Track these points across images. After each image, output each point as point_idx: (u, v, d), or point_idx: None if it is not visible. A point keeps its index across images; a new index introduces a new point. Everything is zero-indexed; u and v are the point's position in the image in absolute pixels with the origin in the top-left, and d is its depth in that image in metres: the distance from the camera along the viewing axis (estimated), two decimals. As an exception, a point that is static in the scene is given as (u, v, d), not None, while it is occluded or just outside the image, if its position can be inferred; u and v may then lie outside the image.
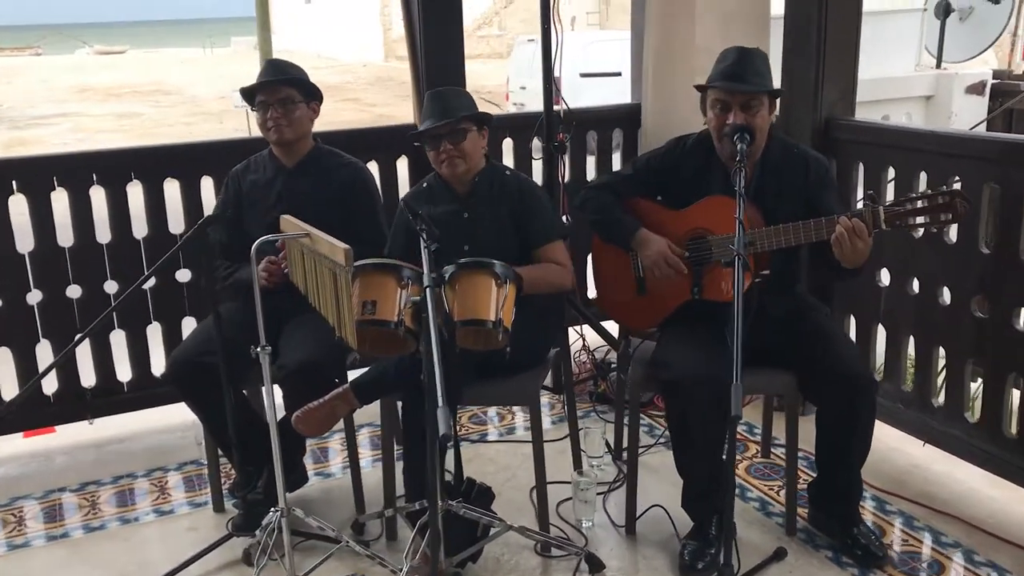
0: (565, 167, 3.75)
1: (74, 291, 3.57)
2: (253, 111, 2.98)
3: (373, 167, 3.49)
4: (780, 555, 2.77)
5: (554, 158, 3.64)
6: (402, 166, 3.90)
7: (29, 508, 3.25)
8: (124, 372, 3.71)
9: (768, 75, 2.71)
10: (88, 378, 3.66)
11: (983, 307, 2.99)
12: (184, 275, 3.67)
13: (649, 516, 2.98)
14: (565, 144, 3.64)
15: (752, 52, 2.71)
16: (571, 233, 3.06)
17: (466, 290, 2.45)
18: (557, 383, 3.89)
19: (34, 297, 3.53)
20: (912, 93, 5.51)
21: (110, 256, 3.57)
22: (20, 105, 21.77)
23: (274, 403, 2.63)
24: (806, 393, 2.80)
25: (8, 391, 3.56)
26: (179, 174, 3.61)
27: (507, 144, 3.95)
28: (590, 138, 4.16)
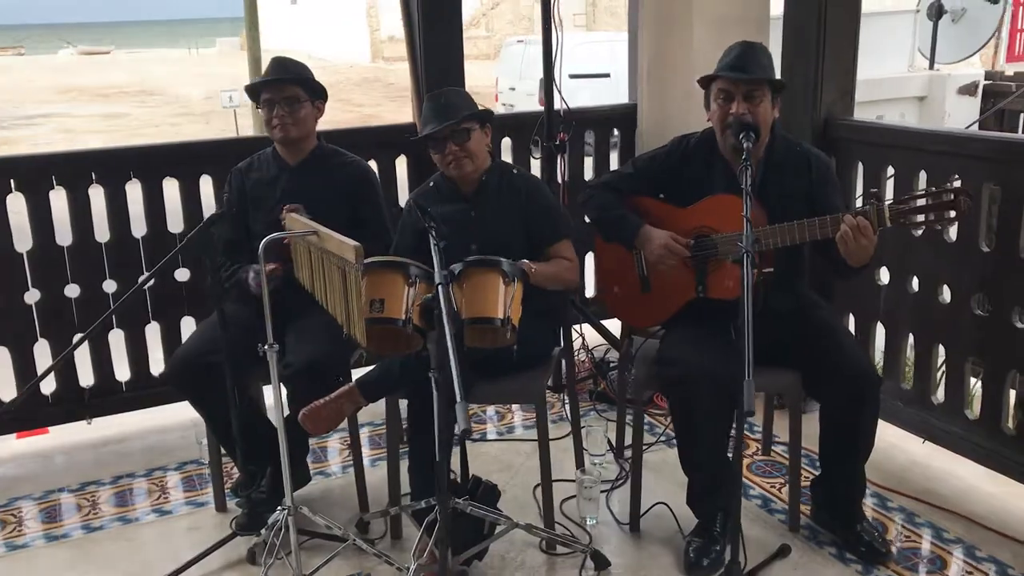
0: (565, 166, 3.76)
1: (72, 290, 3.55)
2: (258, 108, 2.98)
3: (372, 166, 3.49)
4: (784, 552, 2.78)
5: (554, 157, 3.65)
6: (401, 165, 3.91)
7: (29, 509, 3.23)
8: (122, 372, 3.70)
9: (771, 69, 2.73)
10: (86, 378, 3.65)
11: (983, 305, 3.01)
12: (183, 274, 3.66)
13: (652, 513, 2.99)
14: (565, 143, 3.65)
15: (755, 46, 2.73)
16: (578, 233, 3.06)
17: (474, 288, 2.46)
18: (556, 382, 3.89)
19: (32, 296, 3.51)
20: (906, 94, 5.56)
21: (109, 255, 3.56)
22: (4, 105, 21.64)
23: (282, 402, 2.63)
24: (810, 390, 2.82)
25: (5, 391, 3.54)
26: (178, 173, 3.60)
27: (506, 143, 3.96)
28: (588, 137, 4.18)
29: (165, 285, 3.61)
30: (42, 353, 3.54)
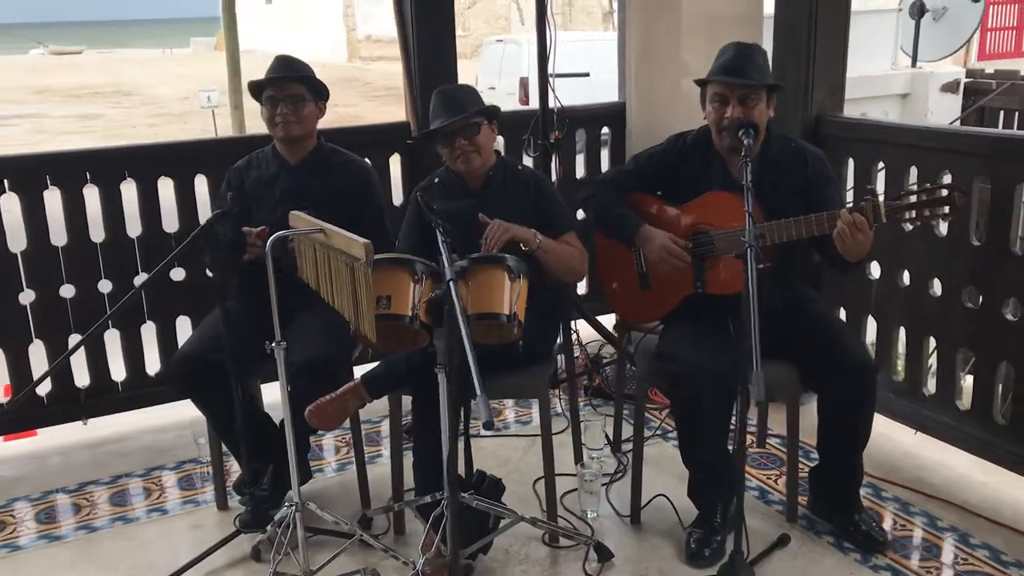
0: (559, 164, 3.80)
1: (68, 291, 3.54)
2: (262, 105, 2.99)
3: (368, 165, 3.50)
4: (784, 541, 2.83)
5: (549, 155, 3.68)
6: (395, 164, 3.92)
7: (28, 509, 3.22)
8: (118, 372, 3.69)
9: (767, 70, 2.77)
10: (82, 378, 3.64)
11: (974, 298, 3.07)
12: (178, 274, 3.65)
13: (652, 506, 3.03)
14: (560, 142, 3.68)
15: (751, 47, 2.77)
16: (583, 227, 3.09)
17: (480, 285, 2.48)
18: (552, 378, 3.91)
19: (27, 297, 3.50)
20: (889, 91, 5.65)
21: (104, 255, 3.56)
22: (-24, 106, 21.37)
23: (288, 398, 2.65)
24: (809, 383, 2.86)
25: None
26: (173, 173, 3.60)
27: (498, 141, 3.98)
28: (578, 136, 4.21)
29: (160, 285, 3.60)
30: (37, 354, 3.53)
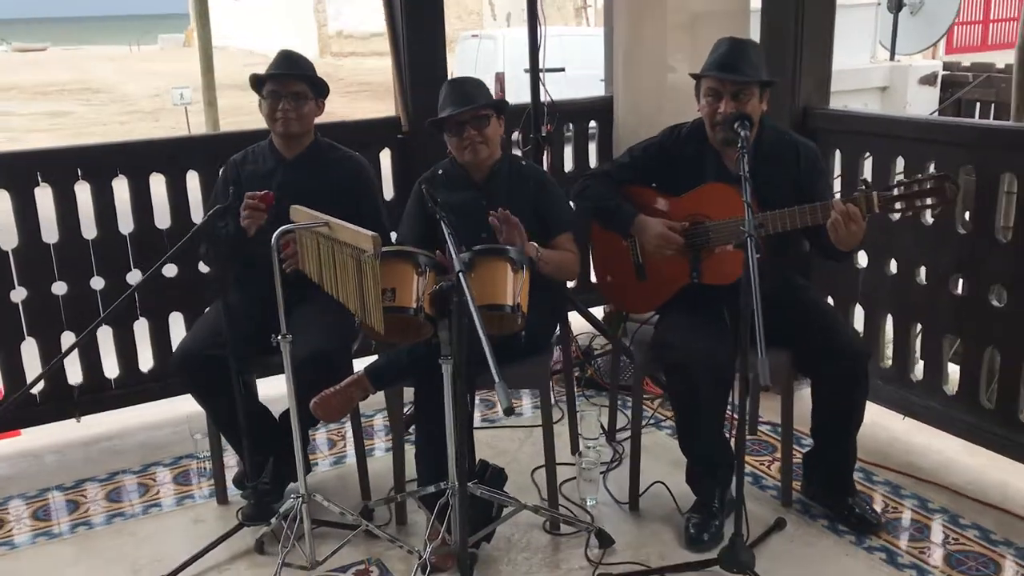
0: (550, 157, 3.84)
1: (59, 288, 3.53)
2: (262, 98, 3.00)
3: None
4: (780, 525, 2.89)
5: (541, 149, 3.72)
6: (385, 159, 3.94)
7: (26, 507, 3.22)
8: (111, 369, 3.68)
9: (760, 66, 2.82)
10: (75, 376, 3.63)
11: (961, 285, 3.15)
12: (170, 270, 3.65)
13: (650, 493, 3.08)
14: (551, 135, 3.73)
15: (745, 43, 2.82)
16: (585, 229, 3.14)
17: (483, 276, 2.51)
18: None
19: (19, 295, 3.48)
20: (868, 84, 5.75)
21: (96, 252, 3.55)
22: (-61, 104, 21.06)
23: (291, 391, 2.67)
24: (802, 368, 2.92)
25: (-6, 390, 3.51)
26: (165, 169, 3.60)
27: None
28: (566, 129, 4.25)
29: (153, 281, 3.59)
30: (29, 352, 3.52)
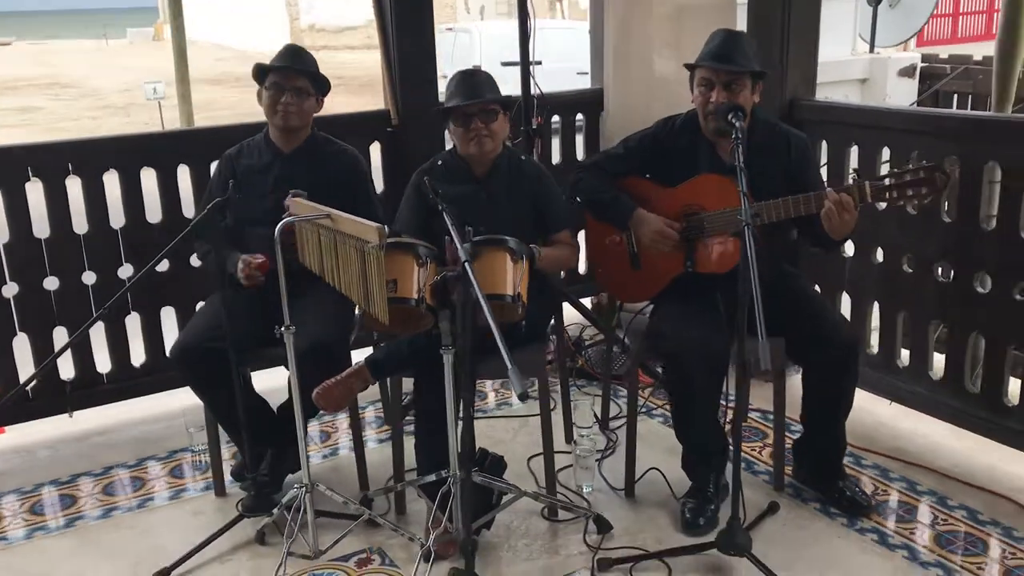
0: (540, 149, 3.87)
1: (51, 283, 3.52)
2: (264, 89, 3.01)
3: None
4: (774, 508, 2.95)
5: (532, 140, 3.75)
6: (375, 152, 3.95)
7: (22, 502, 3.21)
8: (103, 363, 3.68)
9: (753, 57, 2.86)
10: (67, 371, 3.62)
11: (946, 272, 3.21)
12: (162, 265, 3.64)
13: (645, 479, 3.12)
14: (541, 127, 3.76)
15: (739, 35, 2.87)
16: (579, 220, 3.17)
17: (484, 266, 2.53)
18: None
19: (10, 290, 3.48)
20: (849, 76, 5.83)
21: (87, 247, 3.54)
22: (-97, 100, 20.71)
23: (291, 383, 2.69)
24: (793, 356, 2.97)
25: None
26: (157, 163, 3.60)
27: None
28: (554, 121, 4.29)
29: (145, 276, 3.58)
30: (21, 347, 3.51)
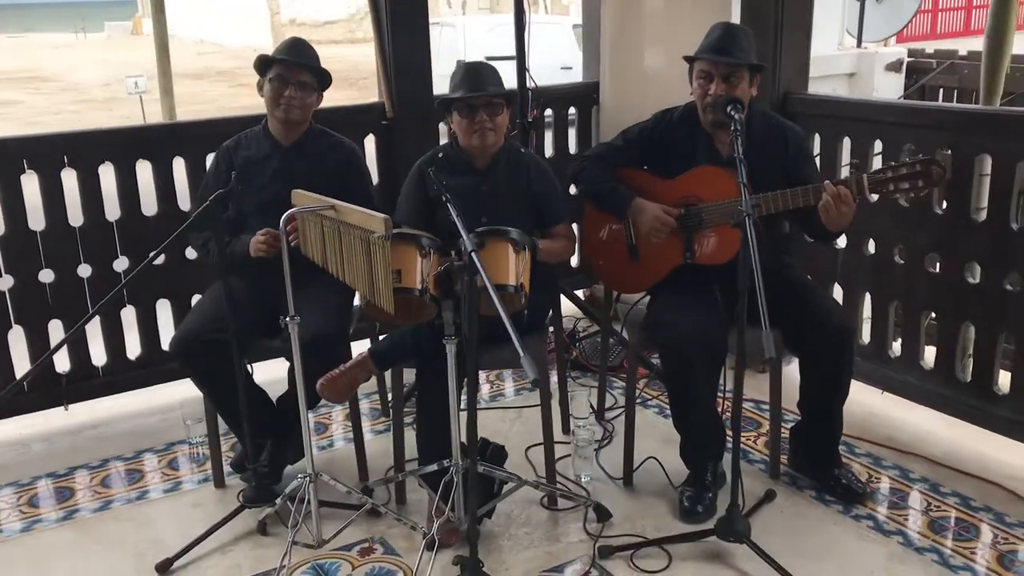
0: (535, 142, 3.90)
1: (47, 276, 3.52)
2: (266, 80, 3.01)
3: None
4: (770, 496, 2.99)
5: (527, 133, 3.78)
6: (369, 144, 3.96)
7: (19, 495, 3.20)
8: (99, 356, 3.67)
9: (752, 51, 2.90)
10: (62, 364, 3.61)
11: (936, 263, 3.26)
12: (158, 258, 3.64)
13: (643, 468, 3.15)
14: (538, 120, 3.79)
15: (737, 28, 2.90)
16: (578, 213, 3.20)
17: (487, 257, 2.54)
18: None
19: (5, 283, 3.47)
20: (836, 71, 5.88)
21: (83, 239, 3.53)
22: None
23: (292, 373, 2.70)
24: (789, 345, 3.01)
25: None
26: (152, 155, 3.59)
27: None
28: (546, 115, 4.31)
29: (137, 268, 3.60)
30: (16, 339, 3.50)
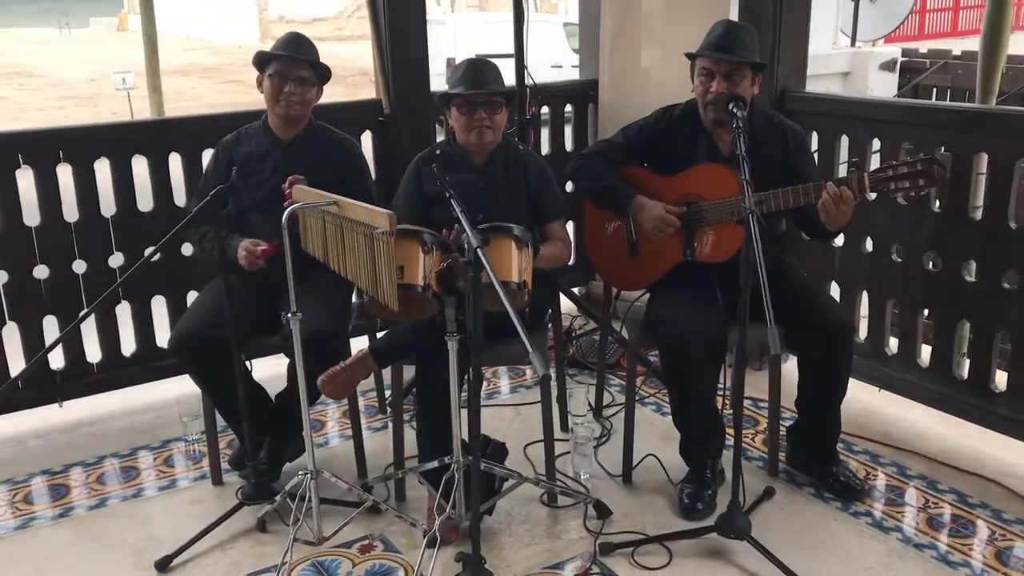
0: (533, 139, 3.90)
1: (41, 271, 3.49)
2: (265, 76, 2.99)
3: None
4: (769, 493, 3.00)
5: (525, 130, 3.77)
6: (366, 141, 3.95)
7: (15, 491, 3.18)
8: (93, 353, 3.65)
9: (754, 49, 2.90)
10: (57, 360, 3.59)
11: (935, 262, 3.28)
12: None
13: (642, 466, 3.16)
14: (535, 117, 3.79)
15: (739, 26, 2.91)
16: (573, 212, 3.19)
17: (490, 253, 2.53)
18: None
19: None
20: (831, 70, 5.92)
21: (78, 235, 3.51)
22: None
23: (292, 370, 2.69)
24: (788, 344, 3.01)
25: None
26: (148, 151, 3.57)
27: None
28: (543, 112, 4.31)
29: (135, 265, 3.57)
30: (11, 336, 3.47)
